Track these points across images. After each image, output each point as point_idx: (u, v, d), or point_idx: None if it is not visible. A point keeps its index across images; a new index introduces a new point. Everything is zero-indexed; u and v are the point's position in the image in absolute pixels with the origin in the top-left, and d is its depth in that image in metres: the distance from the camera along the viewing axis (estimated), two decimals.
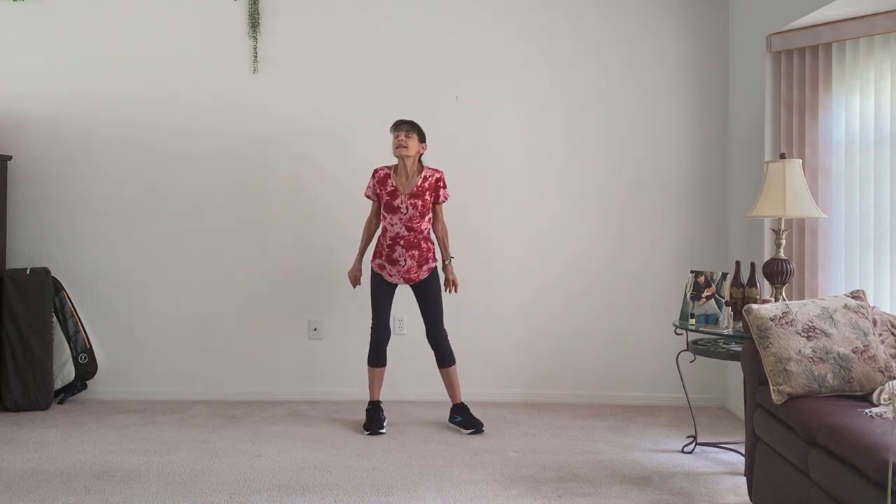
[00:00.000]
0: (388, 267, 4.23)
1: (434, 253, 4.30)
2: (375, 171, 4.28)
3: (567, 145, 4.91)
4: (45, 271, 4.72)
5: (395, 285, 4.30)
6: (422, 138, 4.21)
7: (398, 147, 4.16)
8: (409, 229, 4.18)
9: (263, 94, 4.89)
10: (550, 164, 4.91)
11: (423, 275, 4.24)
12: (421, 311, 4.30)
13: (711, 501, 3.26)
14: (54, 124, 4.90)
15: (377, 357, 4.30)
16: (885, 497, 2.16)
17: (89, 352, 4.84)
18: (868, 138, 3.85)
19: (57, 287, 4.79)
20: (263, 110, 4.89)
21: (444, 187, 4.25)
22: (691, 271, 4.08)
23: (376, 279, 4.28)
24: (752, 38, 4.50)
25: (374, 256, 4.30)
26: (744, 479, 3.43)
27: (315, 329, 4.92)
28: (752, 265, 3.91)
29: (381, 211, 4.24)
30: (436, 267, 4.30)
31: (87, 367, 4.82)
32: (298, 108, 4.90)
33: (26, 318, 4.61)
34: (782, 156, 3.88)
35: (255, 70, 4.89)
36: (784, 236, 3.81)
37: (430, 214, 4.24)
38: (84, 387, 4.85)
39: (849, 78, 3.94)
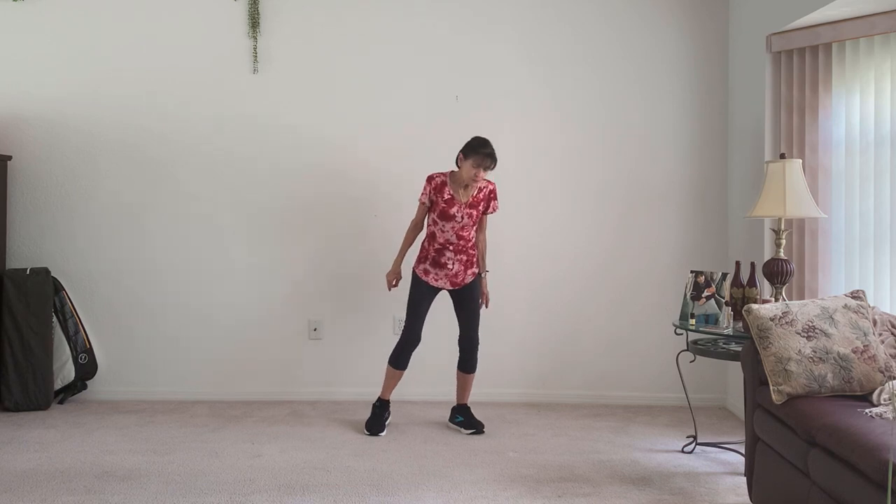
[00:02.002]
0: (433, 272, 4.19)
1: (476, 260, 4.29)
2: (431, 177, 4.17)
3: (567, 145, 4.91)
4: (45, 271, 4.72)
5: (437, 291, 4.24)
6: None
7: (472, 179, 4.07)
8: (460, 237, 4.16)
9: (263, 94, 4.89)
10: (550, 164, 4.91)
11: (469, 278, 4.23)
12: (458, 315, 4.26)
13: (711, 501, 3.26)
14: (54, 124, 4.89)
15: (401, 360, 4.23)
16: (886, 497, 2.16)
17: (89, 352, 4.84)
18: (868, 138, 3.85)
19: (57, 287, 4.79)
20: (263, 110, 4.89)
21: (496, 199, 4.24)
22: (691, 271, 4.09)
23: (419, 284, 4.22)
24: (752, 38, 4.50)
25: (419, 262, 4.24)
26: (744, 479, 3.43)
27: (315, 329, 4.92)
28: (752, 265, 3.91)
29: (433, 217, 4.17)
30: (479, 274, 4.28)
31: (87, 367, 4.82)
32: (298, 108, 4.90)
33: (26, 318, 4.61)
34: (782, 156, 3.88)
35: (255, 70, 4.89)
36: (784, 236, 3.81)
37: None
38: (84, 387, 4.85)
39: (849, 78, 3.94)
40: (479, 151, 4.05)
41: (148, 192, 4.91)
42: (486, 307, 4.34)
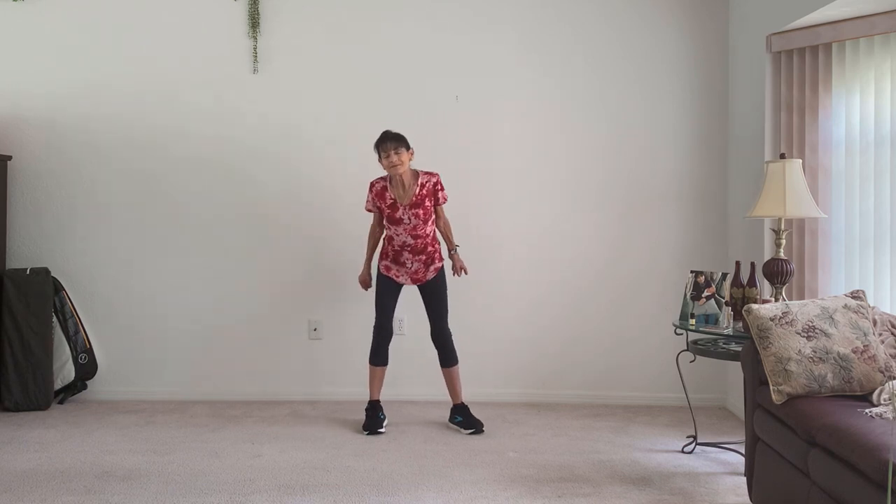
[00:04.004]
0: (394, 268, 4.25)
1: (440, 253, 4.31)
2: (372, 184, 4.25)
3: (567, 145, 4.91)
4: (45, 271, 4.72)
5: (402, 285, 4.30)
6: (408, 146, 4.16)
7: (391, 167, 4.10)
8: (415, 237, 4.19)
9: (263, 94, 4.89)
10: (550, 165, 4.91)
11: (431, 275, 4.26)
12: (427, 310, 4.31)
13: (711, 501, 3.26)
14: (54, 124, 4.90)
15: (378, 356, 4.30)
16: (886, 497, 2.16)
17: (89, 352, 4.84)
18: (868, 138, 3.85)
19: (57, 287, 4.79)
20: (263, 110, 4.89)
21: (442, 189, 4.26)
22: (691, 271, 4.09)
23: (383, 279, 4.29)
24: (752, 39, 4.50)
25: (381, 258, 4.31)
26: (744, 479, 3.43)
27: (315, 329, 4.92)
28: (752, 265, 3.91)
29: (384, 222, 4.24)
30: (442, 267, 4.30)
31: (87, 367, 4.82)
32: (298, 108, 4.90)
33: (26, 318, 4.61)
34: (782, 156, 3.88)
35: (255, 70, 4.89)
36: (784, 236, 3.80)
37: (433, 217, 4.25)
38: (84, 387, 4.85)
39: (849, 78, 3.94)
40: (378, 143, 4.14)
41: (148, 192, 4.91)
42: (467, 273, 4.37)
